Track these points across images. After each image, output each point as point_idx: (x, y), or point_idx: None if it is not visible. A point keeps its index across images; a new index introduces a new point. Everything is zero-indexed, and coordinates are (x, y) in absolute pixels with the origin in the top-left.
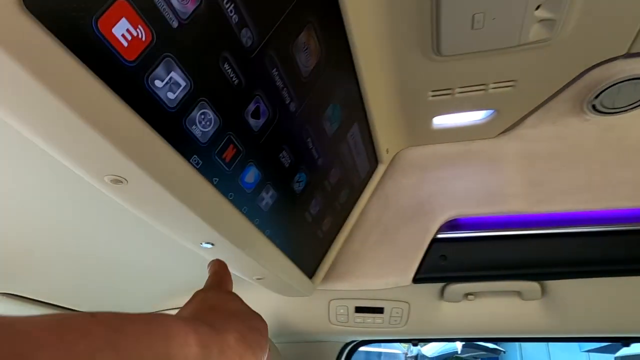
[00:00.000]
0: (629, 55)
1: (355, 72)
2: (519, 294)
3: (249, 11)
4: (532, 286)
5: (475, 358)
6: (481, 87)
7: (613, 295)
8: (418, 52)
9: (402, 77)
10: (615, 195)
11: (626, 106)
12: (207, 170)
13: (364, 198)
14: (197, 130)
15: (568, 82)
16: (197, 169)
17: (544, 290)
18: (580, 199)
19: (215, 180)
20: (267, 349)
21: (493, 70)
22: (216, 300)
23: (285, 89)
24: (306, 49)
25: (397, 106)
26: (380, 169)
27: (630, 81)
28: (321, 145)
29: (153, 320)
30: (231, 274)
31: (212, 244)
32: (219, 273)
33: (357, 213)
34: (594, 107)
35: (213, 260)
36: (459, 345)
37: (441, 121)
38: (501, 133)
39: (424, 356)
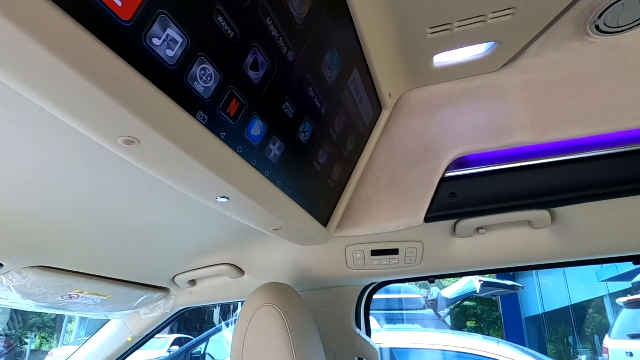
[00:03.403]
0: None
1: (350, 16)
2: (529, 223)
3: None
4: (541, 214)
5: (495, 296)
6: (480, 18)
7: (620, 215)
8: None
9: (398, 16)
10: (623, 117)
11: (631, 23)
12: (214, 126)
13: (371, 144)
14: (199, 86)
15: (569, 4)
16: (204, 124)
17: (553, 218)
18: (586, 125)
19: (223, 134)
20: None
21: None
22: None
23: (281, 38)
24: None
25: (397, 47)
26: (385, 115)
27: None
28: (323, 93)
29: None
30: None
31: (227, 198)
32: None
33: (365, 159)
34: (597, 27)
35: None
36: (477, 285)
37: (442, 59)
38: (504, 66)
39: (444, 298)
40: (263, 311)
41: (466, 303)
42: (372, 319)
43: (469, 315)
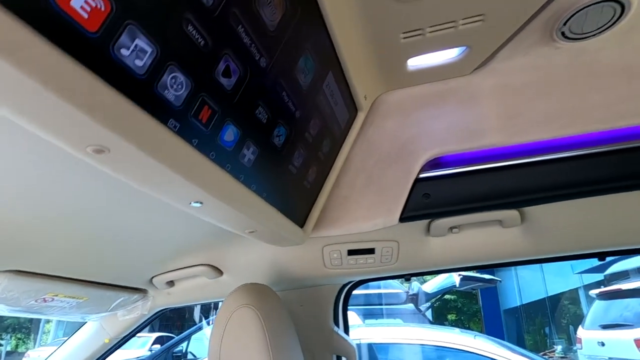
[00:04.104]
0: None
1: (324, 21)
2: (500, 222)
3: None
4: (511, 214)
5: (474, 289)
6: (451, 24)
7: (586, 215)
8: None
9: (371, 21)
10: (589, 119)
11: (595, 30)
12: (186, 133)
13: (346, 145)
14: (170, 94)
15: (536, 11)
16: (175, 132)
17: (523, 217)
18: (555, 127)
19: (195, 141)
20: None
21: (460, 5)
22: None
23: (253, 45)
24: (270, 2)
25: (371, 52)
26: (361, 116)
27: (596, 4)
28: (297, 97)
29: None
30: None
31: (201, 203)
32: None
33: (341, 161)
34: (563, 34)
35: None
36: (457, 279)
37: (416, 62)
38: (475, 69)
39: (424, 292)
40: (240, 312)
41: (447, 296)
42: (353, 314)
43: (449, 308)
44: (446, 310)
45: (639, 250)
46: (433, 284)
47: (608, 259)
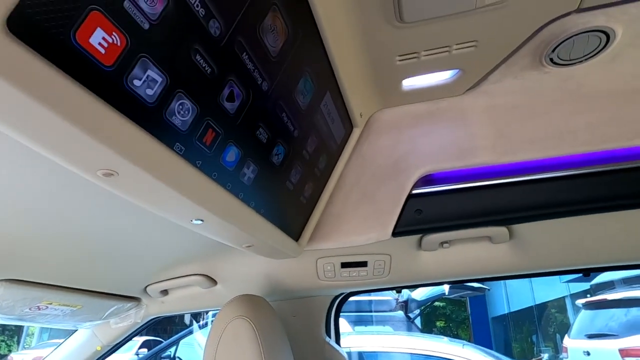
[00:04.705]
0: (580, 10)
1: (323, 44)
2: (489, 238)
3: (214, 3)
4: (500, 231)
5: (462, 297)
6: (445, 48)
7: (572, 233)
8: (382, 20)
9: (369, 45)
10: (575, 142)
11: (581, 57)
12: (191, 155)
13: (342, 161)
14: (177, 120)
15: (526, 39)
16: (180, 155)
17: (511, 234)
18: (542, 147)
19: (199, 162)
20: None
21: (454, 32)
22: None
23: (256, 70)
24: (273, 29)
25: (367, 72)
26: (356, 133)
27: (583, 34)
28: (296, 117)
29: None
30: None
31: (202, 220)
32: None
33: (336, 176)
34: (551, 60)
35: None
36: (446, 287)
37: (410, 82)
38: (468, 90)
39: (414, 300)
40: (235, 324)
41: (436, 303)
42: (343, 321)
43: (438, 315)
44: (435, 317)
45: (621, 266)
46: (422, 292)
47: None
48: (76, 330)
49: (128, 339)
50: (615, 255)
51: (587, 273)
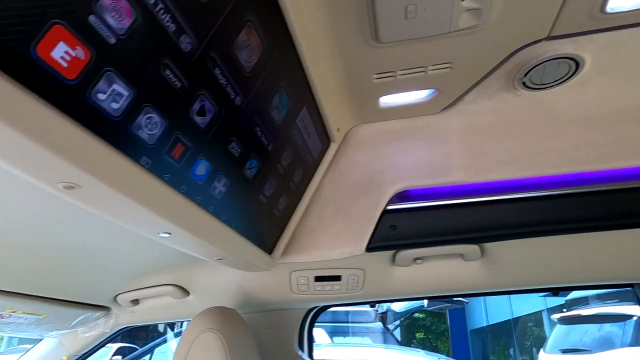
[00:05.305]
0: (550, 37)
1: (300, 61)
2: (461, 255)
3: (185, 19)
4: (472, 248)
5: (441, 310)
6: (421, 69)
7: (542, 252)
8: (359, 39)
9: (346, 62)
10: (545, 163)
11: (552, 82)
12: (158, 169)
13: (318, 175)
14: (144, 134)
15: (499, 63)
16: (147, 168)
17: (483, 252)
18: (514, 168)
19: (167, 176)
20: None
21: (430, 54)
22: None
23: (229, 85)
24: (248, 45)
25: (344, 89)
26: (333, 147)
27: (553, 60)
28: (270, 132)
29: None
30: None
31: (169, 233)
32: None
33: (312, 190)
34: (524, 83)
35: None
36: (425, 300)
37: (388, 100)
38: (443, 109)
39: (393, 311)
40: (204, 337)
41: (416, 315)
42: (321, 332)
43: (418, 326)
44: (415, 328)
45: (588, 286)
46: (402, 304)
47: None
48: (42, 339)
49: (96, 348)
50: (583, 274)
51: (556, 292)
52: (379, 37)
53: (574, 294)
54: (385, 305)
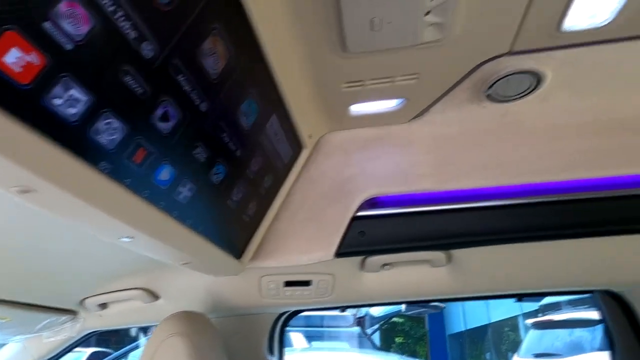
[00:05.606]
0: (512, 53)
1: (268, 69)
2: (428, 262)
3: (147, 26)
4: (439, 255)
5: (420, 314)
6: (389, 79)
7: (507, 260)
8: (328, 49)
9: (316, 71)
10: (511, 173)
11: (516, 95)
12: (118, 173)
13: (289, 181)
14: (103, 139)
15: (464, 75)
16: (106, 173)
17: (449, 258)
18: (481, 177)
19: (127, 181)
20: None
21: (397, 64)
22: None
23: (194, 92)
24: (214, 53)
25: (314, 96)
26: (304, 154)
27: (516, 74)
28: (238, 138)
29: None
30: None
31: (132, 237)
32: None
33: (282, 195)
34: (489, 96)
35: None
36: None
37: (358, 108)
38: (413, 119)
39: (372, 316)
40: (170, 342)
41: (395, 320)
42: (299, 336)
43: (397, 331)
44: (394, 333)
45: (552, 292)
46: (380, 308)
47: None
48: (5, 343)
49: (63, 353)
50: (546, 282)
51: (520, 298)
52: (347, 47)
53: (547, 300)
54: (363, 310)
